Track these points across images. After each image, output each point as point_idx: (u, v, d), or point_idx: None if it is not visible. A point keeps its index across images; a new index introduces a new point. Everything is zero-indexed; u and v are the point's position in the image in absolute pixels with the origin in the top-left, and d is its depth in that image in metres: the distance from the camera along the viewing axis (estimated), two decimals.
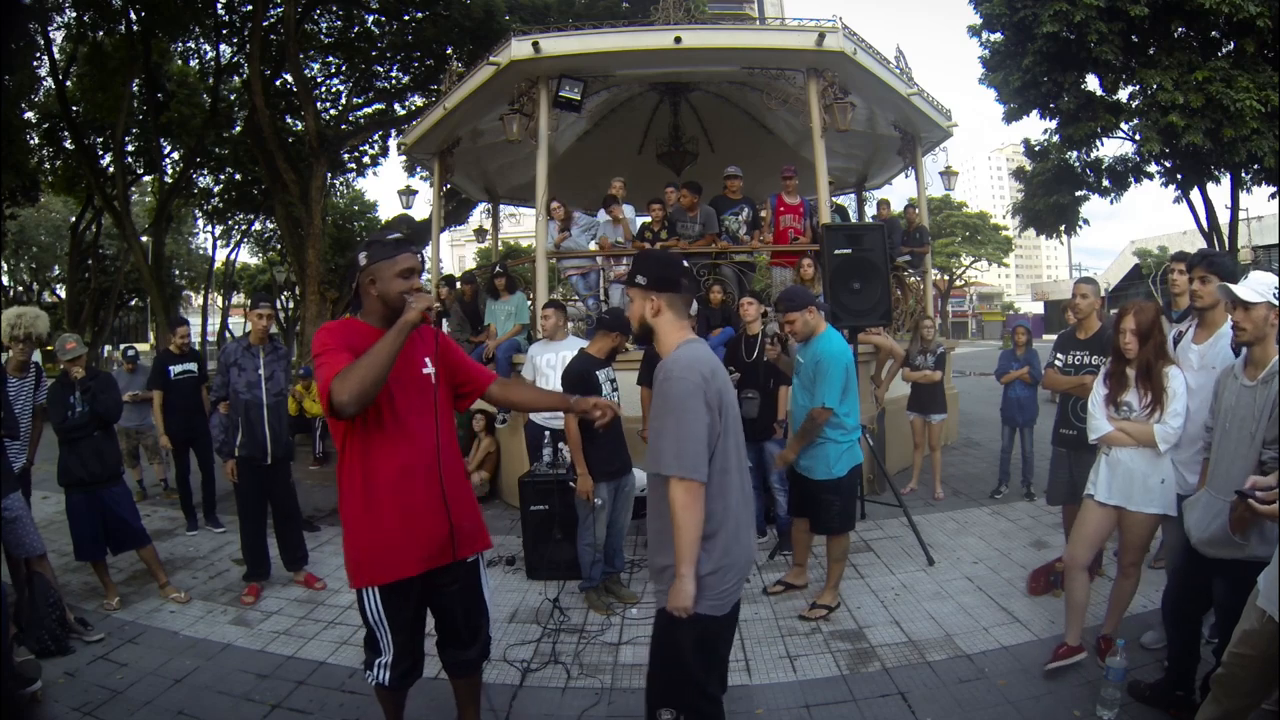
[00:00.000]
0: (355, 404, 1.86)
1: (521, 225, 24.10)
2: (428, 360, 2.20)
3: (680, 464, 1.83)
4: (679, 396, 1.87)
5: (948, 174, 10.64)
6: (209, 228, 27.41)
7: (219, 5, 14.59)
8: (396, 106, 16.32)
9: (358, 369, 1.87)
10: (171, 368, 5.74)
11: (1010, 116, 13.93)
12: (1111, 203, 14.62)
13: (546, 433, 4.65)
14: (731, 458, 1.96)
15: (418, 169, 14.98)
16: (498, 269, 7.10)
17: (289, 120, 16.16)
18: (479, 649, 2.37)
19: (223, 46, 15.80)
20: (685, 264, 2.18)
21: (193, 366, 5.79)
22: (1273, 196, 13.31)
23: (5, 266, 28.80)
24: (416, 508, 2.09)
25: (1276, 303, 2.38)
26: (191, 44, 16.71)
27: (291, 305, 28.26)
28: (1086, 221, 16.02)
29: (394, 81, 15.90)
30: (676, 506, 1.84)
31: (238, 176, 19.33)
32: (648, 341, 2.08)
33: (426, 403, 2.17)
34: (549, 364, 4.74)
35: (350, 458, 2.08)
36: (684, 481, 1.84)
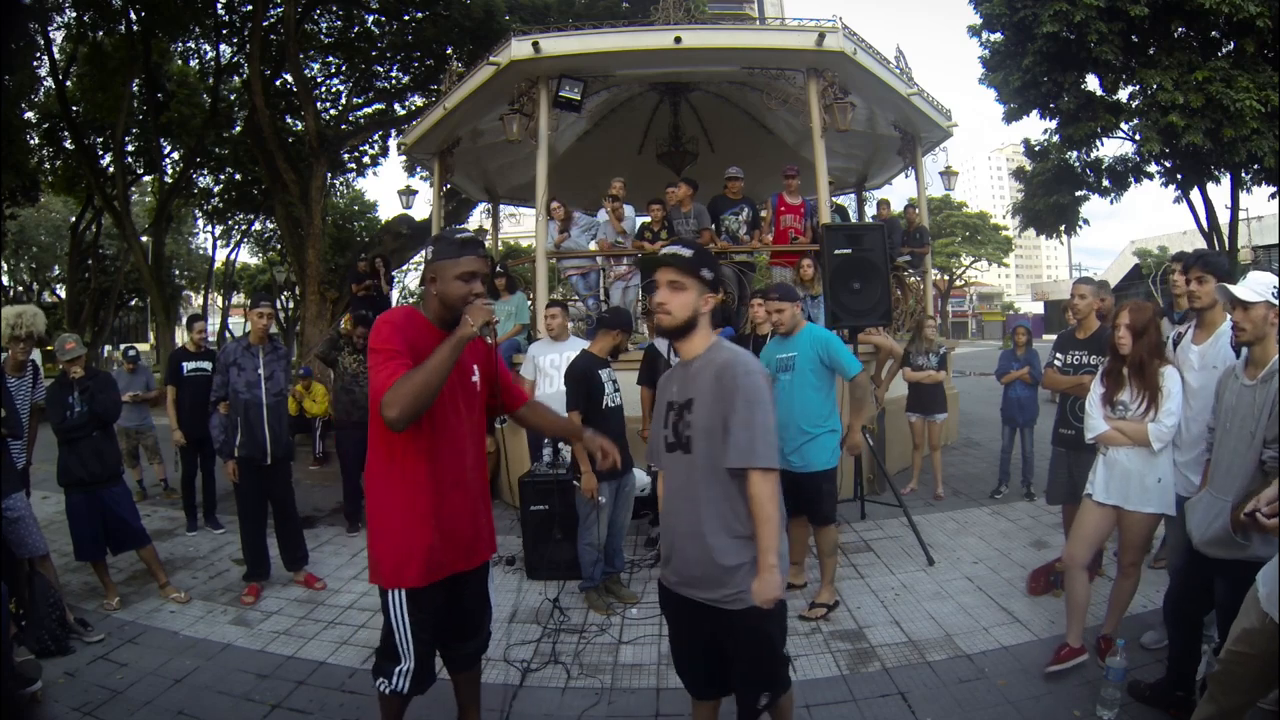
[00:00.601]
0: (404, 421, 1.87)
1: (521, 225, 24.13)
2: (475, 369, 2.21)
3: (770, 455, 1.90)
4: (762, 389, 1.93)
5: (948, 174, 10.65)
6: (209, 228, 27.44)
7: (219, 5, 14.57)
8: (396, 106, 16.29)
9: (410, 384, 1.86)
10: (185, 364, 5.69)
11: (1010, 116, 13.93)
12: (1111, 203, 14.64)
13: None
14: None
15: (418, 169, 14.98)
16: (498, 269, 7.10)
17: (289, 120, 16.14)
18: (479, 642, 2.39)
19: (223, 46, 15.79)
20: None
21: (207, 365, 5.65)
22: (1273, 196, 13.32)
23: (5, 266, 28.83)
24: (458, 513, 2.12)
25: (1275, 302, 2.38)
26: (191, 44, 16.69)
27: (291, 305, 28.24)
28: (1086, 221, 16.02)
29: (394, 81, 15.88)
30: (765, 498, 1.89)
31: (238, 176, 19.31)
32: (680, 336, 2.04)
33: (472, 410, 2.18)
34: (552, 364, 4.73)
35: (404, 459, 2.05)
36: (770, 472, 1.89)
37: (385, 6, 13.91)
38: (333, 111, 16.34)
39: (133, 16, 14.02)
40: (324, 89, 16.32)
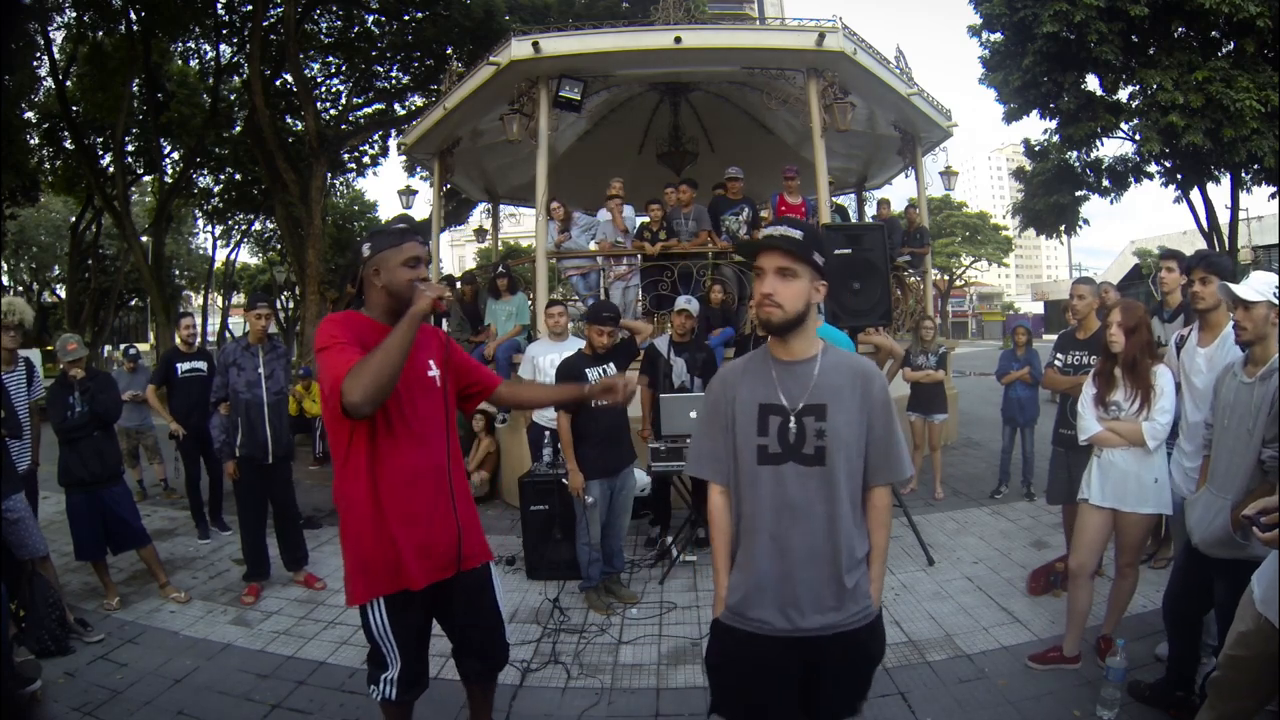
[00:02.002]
0: (369, 403, 1.77)
1: (521, 225, 24.09)
2: (432, 363, 2.11)
3: (908, 463, 1.84)
4: (892, 401, 1.82)
5: (948, 174, 10.64)
6: (209, 228, 27.50)
7: (219, 5, 14.61)
8: (396, 106, 16.33)
9: (369, 366, 1.77)
10: (179, 365, 5.52)
11: (1010, 116, 13.93)
12: (1111, 203, 14.65)
13: (547, 433, 4.65)
14: None
15: (418, 169, 14.98)
16: (500, 269, 7.11)
17: (289, 120, 16.17)
18: (494, 658, 2.28)
19: (223, 46, 15.81)
20: None
21: (202, 365, 5.56)
22: (1273, 196, 13.32)
23: (5, 266, 28.83)
24: (423, 516, 2.00)
25: (1277, 302, 2.38)
26: (191, 44, 16.73)
27: (291, 305, 28.26)
28: (1086, 221, 16.03)
29: (394, 81, 15.91)
30: (888, 513, 1.83)
31: (238, 176, 19.35)
32: (787, 332, 1.77)
33: (433, 406, 2.07)
34: (551, 364, 4.72)
35: (354, 463, 1.97)
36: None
37: (385, 6, 13.94)
38: (333, 111, 16.37)
39: (133, 16, 14.04)
40: (324, 89, 16.35)
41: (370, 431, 1.95)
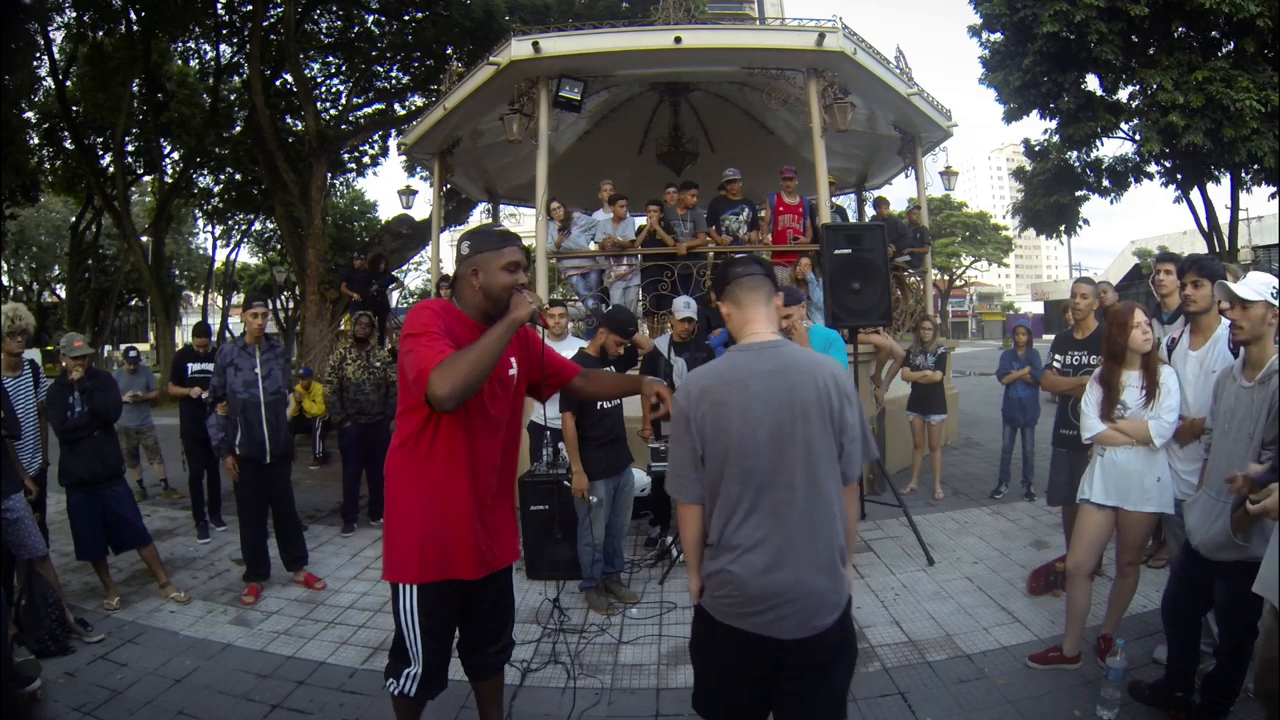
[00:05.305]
0: (455, 400, 1.77)
1: (521, 225, 24.06)
2: (513, 360, 2.13)
3: (669, 483, 1.90)
4: (673, 418, 1.89)
5: (948, 174, 10.65)
6: (209, 228, 27.49)
7: (219, 5, 14.60)
8: (396, 106, 16.32)
9: (462, 362, 1.78)
10: (190, 365, 5.78)
11: (1010, 116, 13.93)
12: (1111, 203, 14.64)
13: (547, 433, 4.64)
14: (735, 486, 1.74)
15: (418, 169, 14.99)
16: None
17: (289, 120, 16.16)
18: (500, 649, 2.31)
19: (223, 46, 15.82)
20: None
21: (210, 368, 5.61)
22: (1273, 196, 13.32)
23: (5, 266, 28.84)
24: (482, 510, 2.04)
25: (1274, 302, 2.38)
26: (191, 44, 16.73)
27: (291, 305, 28.24)
28: (1086, 221, 16.01)
29: (394, 81, 15.90)
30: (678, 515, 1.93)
31: (238, 176, 19.33)
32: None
33: (505, 404, 2.11)
34: None
35: (422, 448, 1.99)
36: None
37: (385, 6, 13.93)
38: (333, 111, 16.37)
39: (133, 16, 14.04)
40: (324, 89, 16.35)
41: (438, 425, 1.97)
